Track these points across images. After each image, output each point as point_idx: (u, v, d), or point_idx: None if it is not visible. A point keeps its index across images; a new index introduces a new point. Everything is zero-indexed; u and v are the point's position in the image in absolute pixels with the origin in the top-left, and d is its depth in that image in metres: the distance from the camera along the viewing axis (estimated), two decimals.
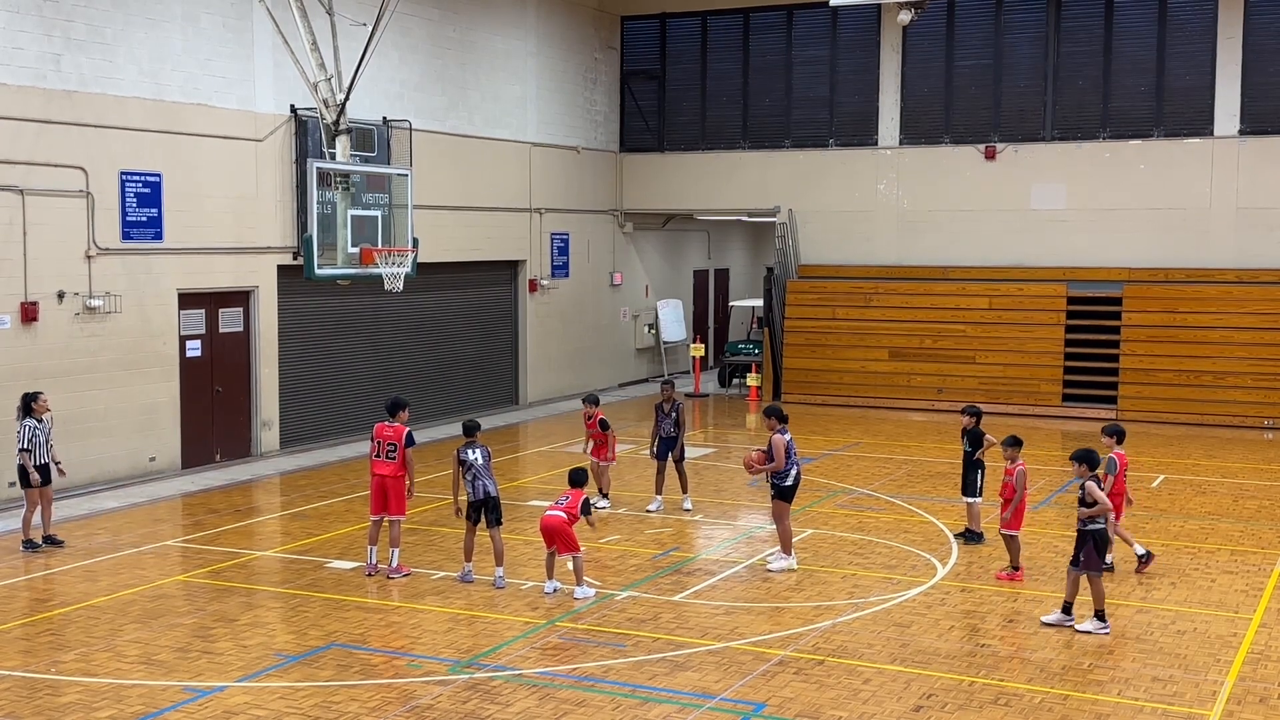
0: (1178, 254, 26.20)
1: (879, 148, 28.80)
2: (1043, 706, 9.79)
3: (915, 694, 10.05)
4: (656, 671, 10.61)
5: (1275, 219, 25.45)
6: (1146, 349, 25.78)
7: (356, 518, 16.33)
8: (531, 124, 27.47)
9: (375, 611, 12.24)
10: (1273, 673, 10.57)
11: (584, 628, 11.74)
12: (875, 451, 21.69)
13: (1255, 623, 11.95)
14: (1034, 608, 12.42)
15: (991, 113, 27.88)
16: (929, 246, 28.24)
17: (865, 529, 15.77)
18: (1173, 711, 9.73)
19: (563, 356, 28.83)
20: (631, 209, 31.00)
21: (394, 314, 23.74)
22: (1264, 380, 24.59)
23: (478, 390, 26.40)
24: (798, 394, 28.08)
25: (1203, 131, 26.13)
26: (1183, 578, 13.58)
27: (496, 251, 26.62)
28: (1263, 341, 24.82)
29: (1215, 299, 25.57)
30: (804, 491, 18.37)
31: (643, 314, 31.96)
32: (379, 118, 22.33)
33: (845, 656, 10.93)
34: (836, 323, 28.27)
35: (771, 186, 29.59)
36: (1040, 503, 17.23)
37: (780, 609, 12.37)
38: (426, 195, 22.30)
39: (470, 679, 10.38)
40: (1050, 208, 27.27)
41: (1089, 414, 25.56)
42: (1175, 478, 19.41)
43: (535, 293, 27.77)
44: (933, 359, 27.19)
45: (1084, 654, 11.07)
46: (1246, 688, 10.22)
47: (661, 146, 30.80)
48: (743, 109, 30.11)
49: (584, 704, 9.83)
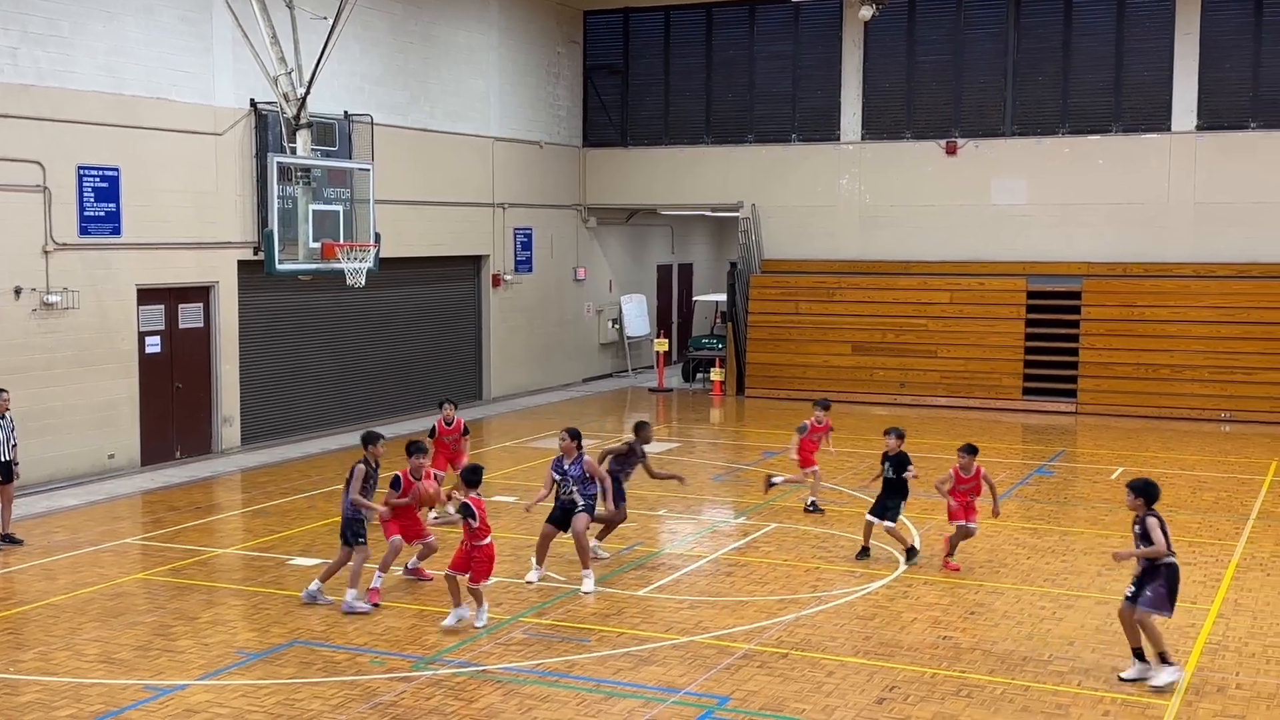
0: (1136, 248, 26.47)
1: (841, 143, 28.90)
2: (1004, 698, 9.87)
3: (878, 686, 10.11)
4: (621, 666, 10.61)
5: (1232, 214, 25.75)
6: (1105, 343, 26.03)
7: (319, 514, 16.25)
8: (494, 118, 27.38)
9: (338, 609, 12.17)
10: (1230, 663, 10.70)
11: (548, 623, 11.73)
12: (838, 445, 21.76)
13: (1213, 614, 12.10)
14: (995, 599, 12.51)
15: (952, 108, 28.04)
16: (891, 241, 28.38)
17: (828, 522, 15.83)
18: (1132, 701, 9.84)
19: (527, 351, 28.78)
20: (595, 204, 30.98)
21: (356, 309, 23.62)
22: (1220, 373, 24.88)
23: (441, 385, 26.25)
24: (761, 388, 28.16)
25: (1161, 127, 26.39)
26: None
27: (459, 246, 26.53)
28: (1219, 335, 25.11)
29: (1173, 293, 25.85)
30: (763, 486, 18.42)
31: (606, 309, 31.94)
32: (340, 112, 22.19)
33: (809, 649, 10.97)
34: (800, 317, 28.37)
35: (734, 181, 29.65)
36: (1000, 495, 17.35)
37: (744, 603, 12.40)
38: (388, 190, 22.18)
39: (434, 675, 10.35)
40: (1010, 203, 27.48)
41: (1049, 408, 25.79)
42: (1134, 470, 19.60)
43: (499, 288, 27.70)
44: (895, 353, 27.33)
45: (1045, 645, 11.16)
46: (1205, 678, 10.34)
47: (625, 141, 30.78)
48: (706, 104, 30.14)
49: (548, 699, 9.83)
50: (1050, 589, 12.92)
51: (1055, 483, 18.99)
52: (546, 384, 29.30)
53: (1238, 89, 25.86)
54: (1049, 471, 19.77)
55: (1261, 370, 24.57)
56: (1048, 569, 13.64)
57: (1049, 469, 19.99)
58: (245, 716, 9.44)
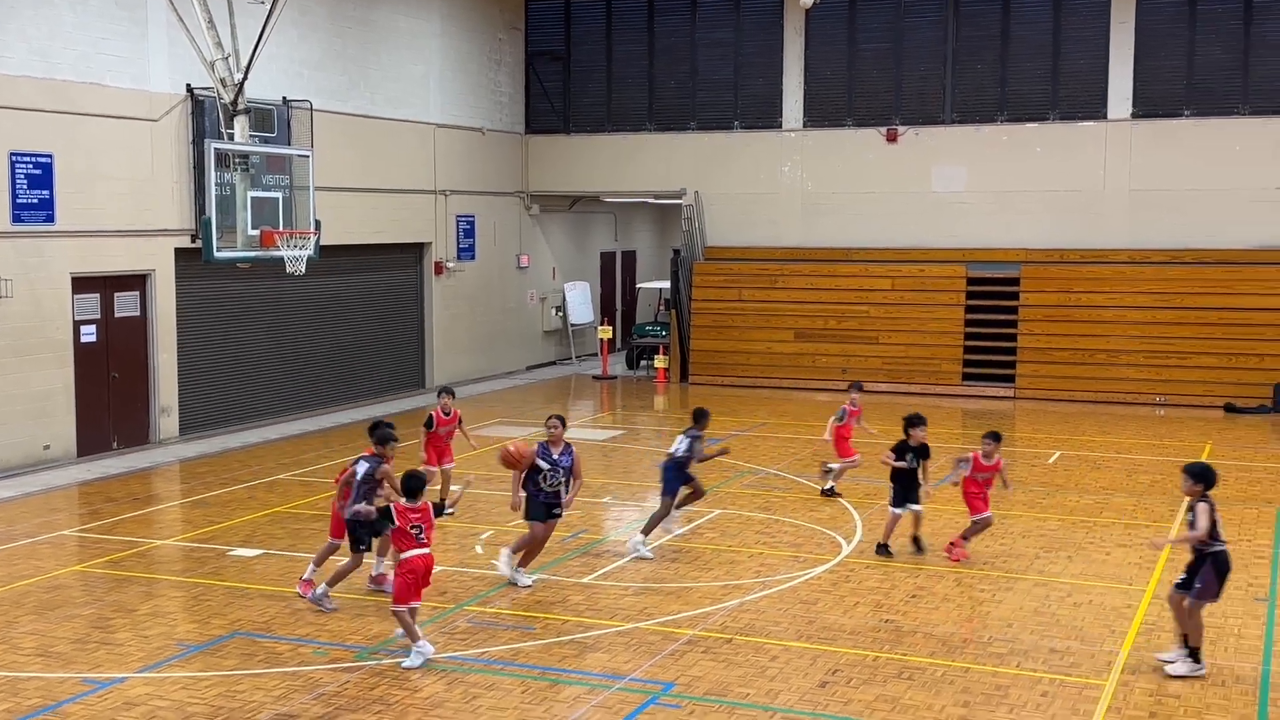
0: (1073, 235, 26.82)
1: (783, 130, 29.02)
2: (945, 679, 9.99)
3: (821, 669, 10.20)
4: (566, 653, 10.62)
5: (1166, 200, 26.14)
6: (1043, 328, 26.37)
7: (259, 504, 16.11)
8: (435, 105, 27.20)
9: (280, 599, 12.07)
10: (1165, 643, 10.89)
11: (492, 611, 11.71)
12: (781, 431, 21.92)
13: (1148, 594, 12.31)
14: (935, 583, 12.65)
15: (893, 96, 28.22)
16: (833, 228, 28.54)
17: (772, 508, 15.93)
18: (1069, 682, 10.00)
19: (470, 339, 28.66)
20: (538, 191, 30.87)
21: (297, 297, 23.39)
22: (1155, 358, 25.28)
23: (383, 374, 26.14)
24: (705, 375, 28.25)
25: (1097, 115, 26.73)
26: (1079, 551, 13.94)
27: (401, 234, 26.34)
28: (1154, 320, 25.51)
29: (1109, 279, 26.23)
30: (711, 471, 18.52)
31: (550, 296, 31.88)
32: (278, 97, 21.92)
33: (753, 634, 11.04)
34: (743, 304, 28.47)
35: (677, 169, 29.67)
36: (938, 481, 17.54)
37: (689, 589, 12.45)
38: (328, 177, 21.97)
39: (378, 665, 10.30)
40: (950, 190, 27.73)
41: (988, 393, 26.11)
42: (1071, 454, 19.90)
43: (441, 275, 27.54)
44: (837, 339, 27.52)
45: (984, 627, 11.31)
46: (1140, 658, 10.53)
47: (567, 128, 30.69)
48: (648, 91, 30.11)
49: (493, 687, 9.82)
50: (989, 571, 13.09)
51: None
52: (490, 371, 29.20)
53: (1172, 77, 26.24)
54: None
55: (1194, 355, 25.00)
56: (987, 552, 13.81)
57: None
58: (186, 709, 9.35)
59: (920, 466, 13.72)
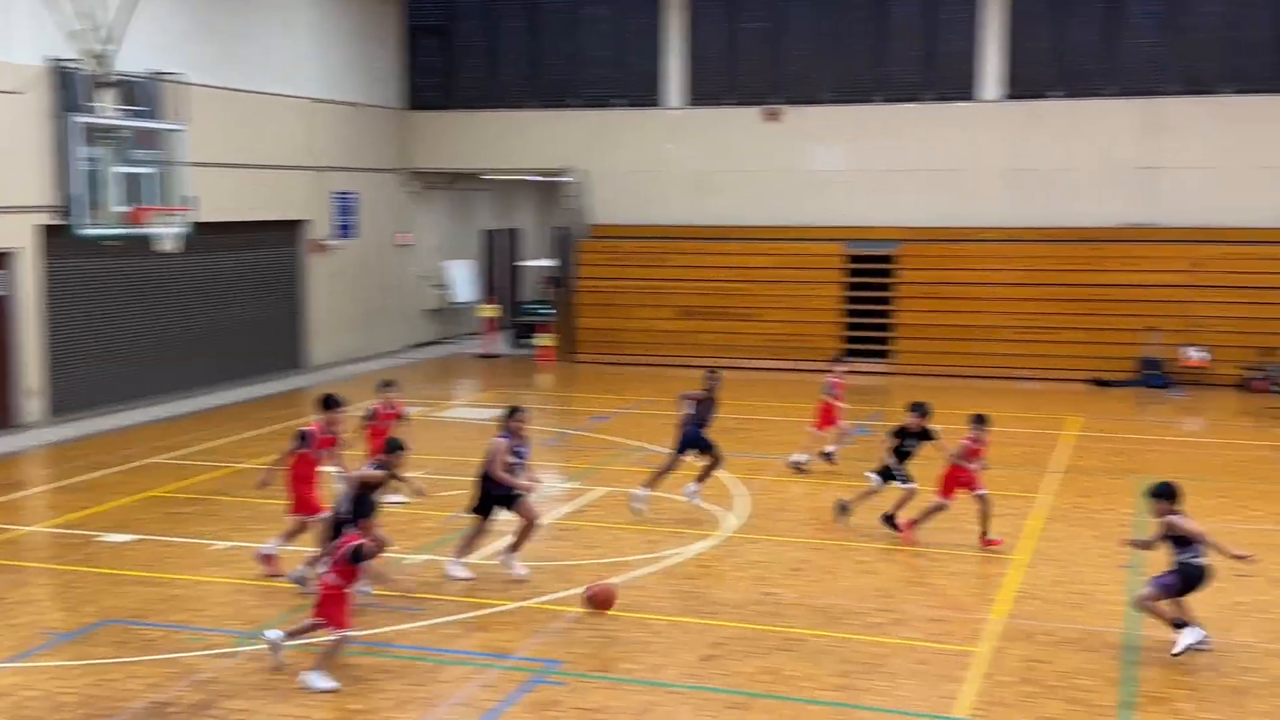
0: (948, 213, 27.36)
1: (666, 108, 29.07)
2: (825, 650, 10.17)
3: (705, 643, 10.30)
4: (451, 633, 10.56)
5: (1037, 180, 26.81)
6: (919, 305, 26.91)
7: (132, 488, 15.68)
8: (313, 79, 26.65)
9: (154, 585, 11.79)
10: (1037, 609, 11.25)
11: (377, 593, 11.57)
12: (666, 409, 21.98)
13: (1020, 562, 12.68)
14: (816, 555, 12.85)
15: (773, 75, 28.44)
16: (716, 206, 28.70)
17: (657, 485, 15.97)
18: (946, 649, 10.26)
19: (350, 318, 28.22)
20: (419, 168, 30.49)
21: (171, 276, 22.74)
22: (1027, 334, 25.97)
23: (260, 354, 25.60)
24: (591, 353, 28.25)
25: (970, 95, 27.29)
26: (955, 522, 14.27)
27: (278, 211, 25.81)
28: (1025, 297, 26.21)
29: (982, 257, 26.86)
30: (595, 449, 18.56)
31: (432, 275, 31.54)
32: (148, 70, 21.26)
33: (638, 610, 11.10)
34: (628, 282, 28.52)
35: (561, 146, 29.54)
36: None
37: (575, 566, 12.47)
38: (202, 152, 21.41)
39: (255, 649, 10.12)
40: (829, 169, 28.07)
41: (867, 369, 26.54)
42: (947, 428, 20.23)
43: (320, 253, 27.05)
44: (721, 317, 27.74)
45: (864, 599, 11.53)
46: (1013, 624, 10.84)
47: (448, 104, 30.33)
48: (531, 67, 29.90)
49: (377, 669, 9.72)
50: (868, 544, 13.35)
51: (873, 441, 19.54)
52: (371, 351, 28.80)
53: (1042, 59, 26.86)
54: (867, 430, 20.35)
55: (1063, 330, 25.75)
56: (866, 525, 14.07)
57: (867, 428, 20.58)
58: (57, 699, 9.08)
59: (924, 448, 13.69)
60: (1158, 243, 25.87)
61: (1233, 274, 25.18)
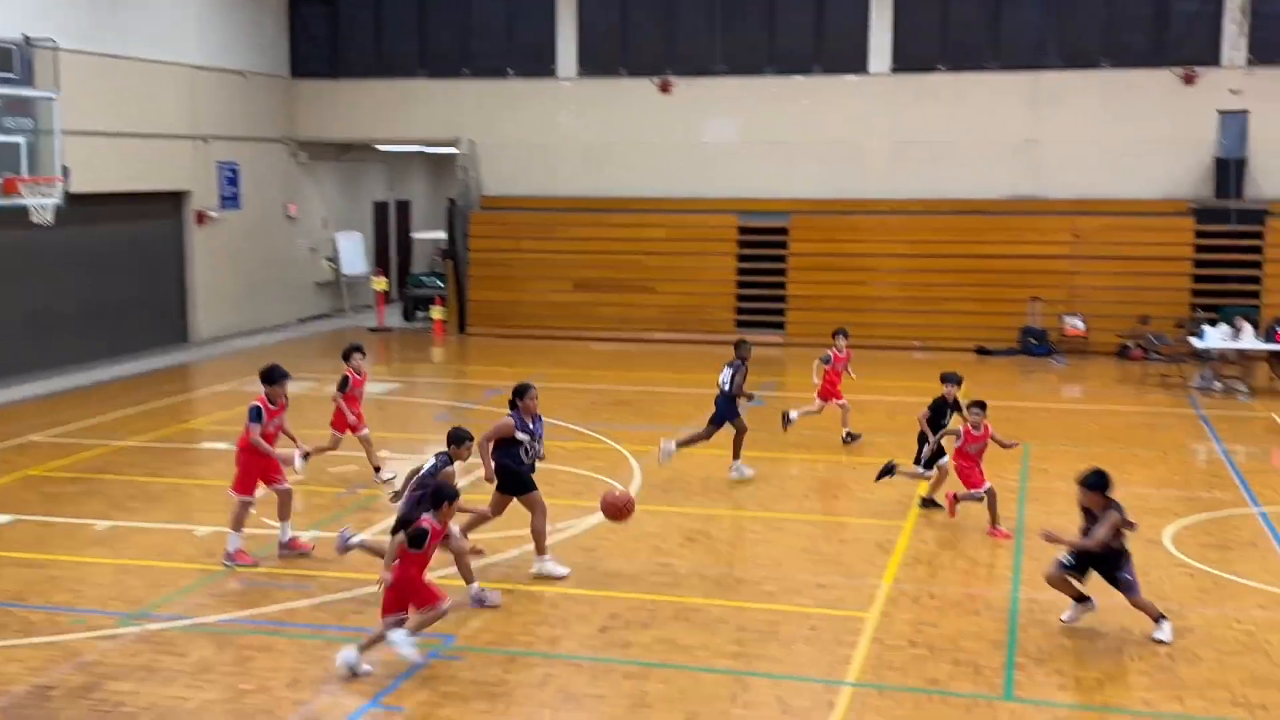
0: (839, 186, 27.65)
1: (559, 79, 28.89)
2: (720, 619, 10.27)
3: (601, 615, 10.33)
4: (344, 611, 10.44)
5: (924, 152, 27.20)
6: (811, 276, 27.21)
7: (9, 467, 15.20)
8: (193, 46, 25.94)
9: (34, 566, 11.45)
10: (922, 574, 11.49)
11: (265, 571, 11.40)
12: (561, 382, 21.98)
13: (907, 529, 12.93)
14: (710, 525, 12.96)
15: (666, 46, 28.42)
16: (610, 178, 28.63)
17: (551, 458, 15.90)
18: (836, 615, 10.43)
19: (236, 291, 27.63)
20: (306, 138, 29.90)
21: (48, 249, 22.01)
22: (913, 304, 26.43)
23: (143, 329, 24.95)
24: (484, 326, 28.08)
25: (859, 69, 27.58)
26: (844, 490, 14.53)
27: (159, 181, 25.13)
28: (913, 268, 26.65)
29: (872, 228, 27.23)
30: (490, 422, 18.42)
31: (321, 247, 31.01)
32: (19, 35, 20.47)
33: (533, 583, 11.09)
34: (521, 254, 28.36)
35: (452, 117, 29.20)
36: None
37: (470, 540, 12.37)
38: (78, 121, 20.73)
39: (142, 631, 9.90)
40: (722, 141, 28.17)
41: (760, 340, 26.72)
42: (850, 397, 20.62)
43: (204, 225, 26.43)
44: (615, 289, 27.74)
45: (758, 568, 11.66)
46: (901, 589, 11.07)
47: (335, 73, 29.76)
48: (420, 36, 29.46)
49: (267, 649, 9.57)
50: (761, 513, 13.51)
51: (766, 411, 19.77)
52: (259, 325, 28.25)
53: (928, 33, 27.23)
54: (760, 401, 20.54)
55: (949, 300, 26.24)
56: (759, 495, 14.24)
57: (760, 399, 20.79)
58: None
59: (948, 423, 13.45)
60: (1041, 215, 26.48)
61: (1112, 244, 25.89)
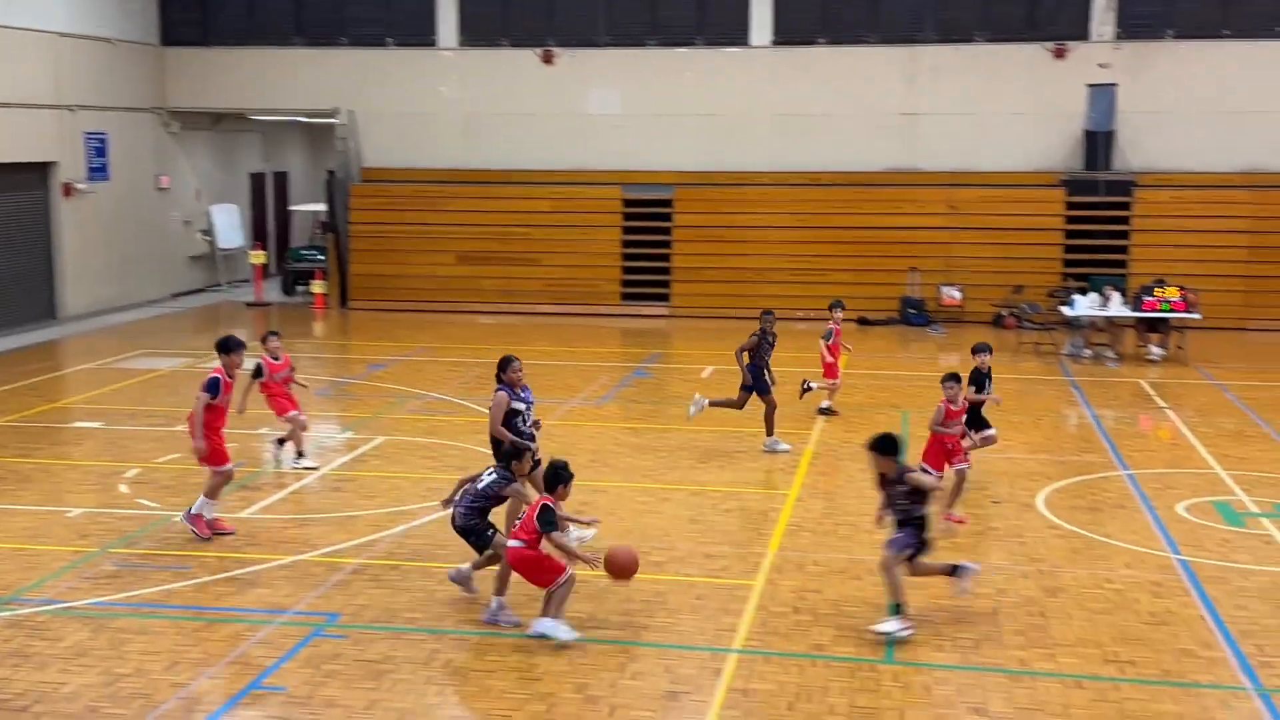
0: (722, 158, 27.80)
1: (439, 49, 28.49)
2: (608, 590, 10.28)
3: (489, 589, 10.26)
4: (224, 591, 10.24)
5: (804, 125, 27.47)
6: (695, 248, 27.35)
7: None
8: (58, 12, 25.01)
9: None
10: (807, 542, 11.66)
11: (141, 553, 11.12)
12: (445, 355, 21.81)
13: (792, 498, 13.11)
14: (599, 497, 12.96)
15: (548, 17, 28.20)
16: (493, 150, 28.37)
17: (437, 432, 15.85)
18: (721, 584, 10.54)
19: (107, 266, 26.80)
20: (177, 107, 29.04)
21: None
22: (798, 275, 26.71)
23: (8, 305, 24.09)
24: (366, 300, 27.68)
25: (740, 41, 27.71)
26: (730, 460, 14.65)
27: (22, 153, 24.22)
28: (795, 239, 26.94)
29: (755, 200, 27.44)
30: (373, 398, 18.27)
31: (195, 219, 30.21)
32: None
33: (421, 560, 11.00)
34: (403, 227, 27.99)
35: (330, 86, 28.61)
36: (602, 398, 18.00)
37: (354, 517, 12.25)
38: None
39: (12, 616, 9.58)
40: (606, 113, 28.09)
41: (645, 312, 26.89)
42: (724, 368, 20.76)
43: (70, 197, 25.55)
44: (500, 262, 27.54)
45: (645, 539, 11.70)
46: (785, 557, 11.22)
47: (207, 40, 28.94)
48: (295, 3, 28.77)
49: (144, 632, 9.34)
50: (648, 484, 13.57)
51: (652, 384, 19.88)
52: (131, 300, 27.46)
53: (808, 6, 27.46)
54: (646, 373, 20.65)
55: (831, 271, 26.55)
56: (646, 465, 14.31)
57: (646, 370, 20.88)
58: None
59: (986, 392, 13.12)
60: (918, 186, 26.96)
61: (987, 216, 26.49)
